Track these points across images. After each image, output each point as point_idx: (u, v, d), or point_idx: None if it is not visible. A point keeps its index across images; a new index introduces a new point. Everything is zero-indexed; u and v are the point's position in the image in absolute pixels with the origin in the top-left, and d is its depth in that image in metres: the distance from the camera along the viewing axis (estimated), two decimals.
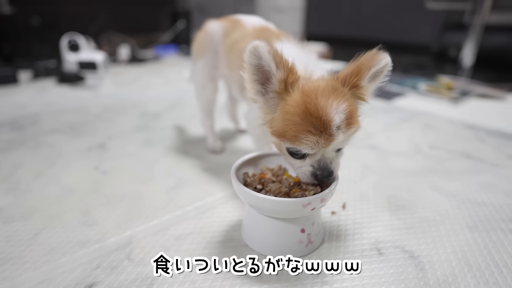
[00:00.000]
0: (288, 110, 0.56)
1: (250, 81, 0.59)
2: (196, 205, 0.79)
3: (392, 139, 1.17)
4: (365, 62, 0.59)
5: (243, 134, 1.22)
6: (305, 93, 0.56)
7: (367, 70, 0.58)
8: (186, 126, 1.29)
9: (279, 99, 0.59)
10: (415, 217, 0.75)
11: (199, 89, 1.04)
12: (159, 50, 2.91)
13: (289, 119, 0.56)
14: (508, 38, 2.49)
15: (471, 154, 1.06)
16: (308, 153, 0.59)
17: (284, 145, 0.60)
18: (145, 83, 1.96)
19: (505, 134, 1.21)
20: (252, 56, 0.55)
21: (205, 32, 0.99)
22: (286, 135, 0.57)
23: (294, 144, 0.57)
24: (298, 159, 0.61)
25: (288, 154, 0.62)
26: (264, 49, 0.54)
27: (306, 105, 0.55)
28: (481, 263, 0.62)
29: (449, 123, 1.34)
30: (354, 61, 0.61)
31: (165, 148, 1.09)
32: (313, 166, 0.61)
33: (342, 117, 0.55)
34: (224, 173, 0.94)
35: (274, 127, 0.60)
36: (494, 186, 0.88)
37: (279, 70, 0.56)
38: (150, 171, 0.95)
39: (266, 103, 0.61)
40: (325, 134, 0.55)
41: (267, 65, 0.56)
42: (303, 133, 0.55)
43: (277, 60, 0.55)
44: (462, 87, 1.75)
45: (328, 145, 0.57)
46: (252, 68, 0.57)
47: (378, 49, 0.59)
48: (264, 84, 0.59)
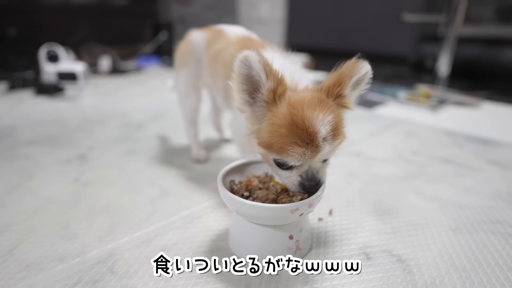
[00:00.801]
0: (275, 121, 0.56)
1: (238, 90, 0.59)
2: (181, 215, 0.77)
3: (375, 146, 1.19)
4: (346, 71, 0.60)
5: (228, 143, 1.21)
6: (291, 105, 0.56)
7: (349, 79, 0.59)
8: (170, 136, 1.27)
9: (266, 109, 0.58)
10: (400, 221, 0.76)
11: (183, 98, 1.03)
12: (141, 62, 2.89)
13: (275, 131, 0.56)
14: (480, 50, 2.61)
15: (451, 160, 1.08)
16: (295, 164, 0.58)
17: (271, 156, 0.60)
18: (127, 94, 1.93)
19: (482, 140, 1.26)
20: (242, 65, 0.55)
21: (188, 41, 0.99)
22: (273, 146, 0.56)
23: (281, 156, 0.57)
24: (285, 170, 0.61)
25: (275, 165, 0.61)
26: (254, 58, 0.54)
27: (292, 117, 0.55)
28: (466, 264, 0.63)
29: (429, 130, 1.37)
30: (335, 71, 0.62)
31: (149, 158, 1.07)
32: (301, 177, 0.60)
33: (328, 128, 0.55)
34: (210, 182, 0.93)
35: (261, 138, 0.59)
36: (475, 189, 0.90)
37: (269, 80, 0.56)
38: (133, 182, 0.92)
39: (253, 113, 0.60)
40: (311, 146, 0.55)
41: (257, 75, 0.55)
42: (290, 145, 0.55)
43: (267, 70, 0.55)
44: (439, 95, 1.81)
45: (315, 156, 0.57)
46: (241, 77, 0.57)
47: (358, 58, 0.61)
48: (252, 94, 0.59)
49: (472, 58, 2.60)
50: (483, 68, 2.58)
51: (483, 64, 2.58)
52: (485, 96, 1.86)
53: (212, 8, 4.08)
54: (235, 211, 0.62)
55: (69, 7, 2.69)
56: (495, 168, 1.02)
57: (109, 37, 2.92)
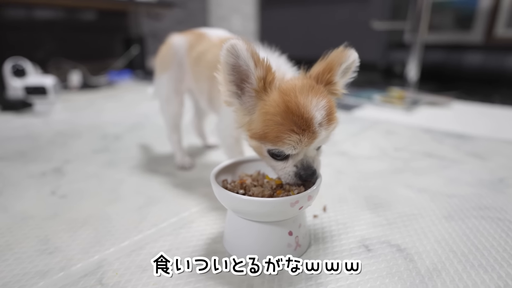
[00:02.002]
0: (268, 110, 0.55)
1: (225, 82, 0.57)
2: (170, 221, 0.74)
3: (359, 145, 1.21)
4: (335, 58, 0.60)
5: (212, 150, 1.19)
6: (283, 92, 0.55)
7: (338, 66, 0.60)
8: (151, 145, 1.23)
9: (257, 99, 0.57)
10: (394, 213, 0.76)
11: (164, 103, 1.00)
12: (113, 76, 2.81)
13: (270, 120, 0.54)
14: (444, 55, 2.76)
15: (432, 154, 1.11)
16: (291, 153, 0.57)
17: (265, 148, 0.58)
18: (100, 107, 1.86)
19: (458, 135, 1.31)
20: (229, 54, 0.53)
21: (169, 45, 0.97)
22: (268, 136, 0.55)
23: (277, 145, 0.55)
24: (280, 160, 0.59)
25: (269, 156, 0.60)
26: (242, 47, 0.52)
27: (286, 104, 0.54)
28: (464, 248, 0.63)
29: (406, 129, 1.41)
30: (323, 59, 0.62)
31: (131, 167, 1.02)
32: (297, 166, 0.59)
33: (323, 113, 0.55)
34: (197, 187, 0.90)
35: (253, 130, 0.57)
36: (458, 179, 0.92)
37: (257, 68, 0.54)
38: (116, 192, 0.87)
39: (242, 105, 0.58)
40: (308, 132, 0.54)
41: (245, 64, 0.54)
42: (286, 132, 0.53)
43: (255, 58, 0.54)
44: (412, 97, 1.88)
45: (311, 143, 0.56)
46: (228, 67, 0.55)
47: (345, 46, 0.61)
48: (239, 85, 0.57)
49: (437, 63, 2.74)
50: (448, 72, 2.73)
51: (448, 68, 2.72)
52: (453, 96, 1.96)
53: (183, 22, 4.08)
54: (231, 209, 0.59)
55: (33, 22, 2.59)
56: (475, 159, 1.06)
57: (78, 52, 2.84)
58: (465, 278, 0.56)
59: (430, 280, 0.55)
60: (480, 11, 2.78)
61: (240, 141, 0.85)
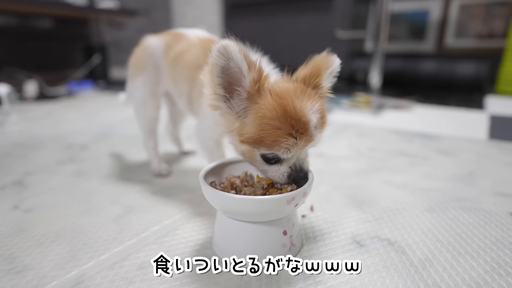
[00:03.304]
0: (265, 114, 0.53)
1: (212, 84, 0.54)
2: (153, 230, 0.69)
3: (335, 147, 1.23)
4: (322, 63, 0.61)
5: (189, 156, 1.15)
6: (279, 95, 0.54)
7: (325, 71, 0.60)
8: (123, 154, 1.16)
9: (250, 102, 0.54)
10: (379, 208, 0.77)
11: (139, 107, 0.95)
12: (72, 86, 2.66)
13: (267, 124, 0.52)
14: (401, 63, 2.93)
15: (405, 152, 1.16)
16: (286, 157, 0.56)
17: (259, 152, 0.57)
18: (61, 117, 1.74)
19: (424, 135, 1.37)
20: (220, 56, 0.51)
21: (144, 47, 0.93)
22: (264, 141, 0.53)
23: (273, 150, 0.54)
24: (273, 164, 0.58)
25: (262, 160, 0.58)
26: (234, 48, 0.50)
27: (284, 107, 0.52)
28: (449, 238, 0.65)
29: (377, 130, 1.46)
30: (307, 64, 0.62)
31: (103, 177, 0.96)
32: (291, 169, 0.59)
33: (318, 116, 0.55)
34: (177, 194, 0.85)
35: (246, 134, 0.55)
36: (432, 174, 0.96)
37: (251, 71, 0.52)
38: (88, 203, 0.81)
39: (231, 109, 0.56)
40: (305, 136, 0.53)
41: (236, 66, 0.52)
42: (284, 137, 0.52)
43: (248, 60, 0.52)
44: (377, 101, 1.96)
45: (307, 145, 0.56)
46: (218, 69, 0.52)
47: (327, 52, 0.62)
48: (227, 88, 0.55)
49: (396, 70, 2.90)
50: (406, 78, 2.89)
51: (406, 74, 2.89)
52: (414, 100, 2.07)
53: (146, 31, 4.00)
54: (224, 210, 0.56)
55: None
56: (443, 156, 1.11)
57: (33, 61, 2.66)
58: (455, 265, 0.57)
59: (424, 270, 0.56)
60: (431, 23, 3.00)
61: (220, 143, 0.83)
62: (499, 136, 1.35)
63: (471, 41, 2.84)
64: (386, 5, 2.12)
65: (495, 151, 1.16)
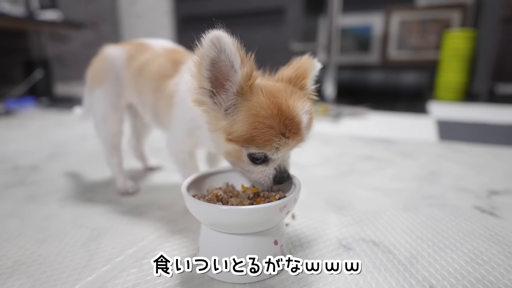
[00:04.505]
0: (258, 112, 0.51)
1: (200, 77, 0.52)
2: (128, 253, 0.63)
3: (303, 155, 1.24)
4: (306, 65, 0.62)
5: (155, 172, 1.08)
6: (270, 93, 0.53)
7: (310, 72, 0.61)
8: (81, 173, 1.07)
9: (241, 99, 0.52)
10: (357, 211, 0.78)
11: (100, 122, 0.88)
12: (11, 104, 2.43)
13: (260, 122, 0.51)
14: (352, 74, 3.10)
15: (370, 157, 1.21)
16: (274, 157, 0.55)
17: (246, 151, 0.55)
18: (2, 137, 1.56)
19: (383, 140, 1.45)
20: (212, 47, 0.48)
21: (104, 57, 0.87)
22: (256, 140, 0.51)
23: (264, 149, 0.52)
24: (259, 164, 0.56)
25: (248, 160, 0.56)
26: (227, 40, 0.48)
27: (279, 106, 0.51)
28: (427, 234, 0.68)
29: (339, 137, 1.51)
30: (290, 66, 0.63)
31: (61, 200, 0.86)
32: (276, 170, 0.58)
33: (308, 117, 0.55)
34: (149, 212, 0.80)
35: (236, 133, 0.53)
36: (399, 176, 1.01)
37: (243, 65, 0.50)
38: (46, 229, 0.72)
39: (218, 105, 0.54)
40: (297, 136, 0.53)
41: (228, 60, 0.49)
42: (278, 136, 0.51)
43: (241, 54, 0.50)
44: (335, 110, 2.04)
45: (296, 145, 0.55)
46: (207, 62, 0.50)
47: (309, 55, 0.63)
48: (213, 83, 0.52)
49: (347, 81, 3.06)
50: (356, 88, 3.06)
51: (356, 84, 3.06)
52: (368, 107, 2.19)
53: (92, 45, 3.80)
54: (211, 223, 0.53)
55: None
56: (405, 158, 1.18)
57: None
58: (438, 259, 0.59)
59: (412, 267, 0.57)
60: (375, 37, 3.23)
61: (194, 155, 0.79)
62: (447, 137, 1.47)
63: (411, 53, 3.10)
64: (336, 19, 2.25)
65: (448, 151, 1.26)
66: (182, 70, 0.75)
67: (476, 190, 0.90)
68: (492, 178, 0.98)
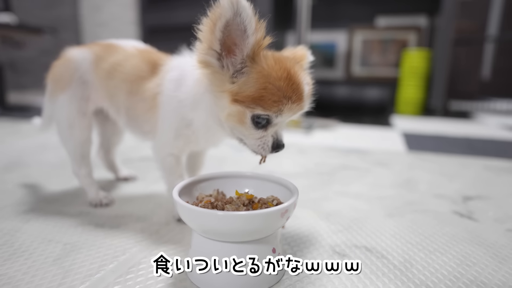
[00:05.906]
0: (270, 73, 0.53)
1: (211, 39, 0.52)
2: (108, 268, 0.57)
3: (282, 165, 1.23)
4: (301, 52, 0.65)
5: (129, 182, 1.01)
6: (280, 60, 0.55)
7: (305, 58, 0.65)
8: (45, 184, 0.97)
9: (251, 63, 0.54)
10: (344, 219, 0.78)
11: (65, 130, 0.81)
12: None
13: (270, 83, 0.53)
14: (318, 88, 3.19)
15: (348, 166, 1.22)
16: (277, 121, 0.57)
17: (251, 113, 0.55)
18: None
19: (357, 150, 1.48)
20: (230, 8, 0.49)
21: (67, 59, 0.81)
22: (264, 99, 0.53)
23: (270, 110, 0.54)
24: (260, 129, 0.57)
25: (250, 123, 0.56)
26: (245, 4, 0.49)
27: (288, 71, 0.54)
28: (416, 238, 0.69)
29: (314, 148, 1.53)
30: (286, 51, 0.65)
31: (24, 213, 0.77)
32: (273, 137, 0.59)
33: (309, 88, 0.58)
34: (127, 225, 0.74)
35: (244, 92, 0.54)
36: (378, 184, 1.03)
37: (257, 31, 0.52)
38: (11, 245, 0.64)
39: (225, 68, 0.55)
40: (301, 102, 0.56)
41: (242, 23, 0.50)
42: (286, 97, 0.54)
43: (256, 20, 0.51)
44: (306, 122, 2.08)
45: (297, 112, 0.58)
46: (223, 22, 0.50)
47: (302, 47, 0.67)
48: (222, 46, 0.53)
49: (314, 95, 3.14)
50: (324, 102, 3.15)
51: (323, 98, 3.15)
52: (337, 120, 2.25)
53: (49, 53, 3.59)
54: (208, 231, 0.50)
55: None
56: (381, 168, 1.21)
57: None
58: (431, 262, 0.60)
59: (408, 271, 0.57)
60: (339, 54, 3.37)
61: (180, 160, 0.75)
62: (415, 148, 1.54)
63: (373, 69, 3.26)
64: (305, 35, 2.31)
65: (418, 160, 1.32)
66: (162, 71, 0.73)
67: (451, 196, 0.94)
68: (463, 185, 1.03)
